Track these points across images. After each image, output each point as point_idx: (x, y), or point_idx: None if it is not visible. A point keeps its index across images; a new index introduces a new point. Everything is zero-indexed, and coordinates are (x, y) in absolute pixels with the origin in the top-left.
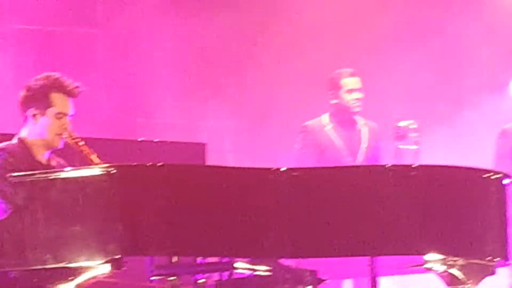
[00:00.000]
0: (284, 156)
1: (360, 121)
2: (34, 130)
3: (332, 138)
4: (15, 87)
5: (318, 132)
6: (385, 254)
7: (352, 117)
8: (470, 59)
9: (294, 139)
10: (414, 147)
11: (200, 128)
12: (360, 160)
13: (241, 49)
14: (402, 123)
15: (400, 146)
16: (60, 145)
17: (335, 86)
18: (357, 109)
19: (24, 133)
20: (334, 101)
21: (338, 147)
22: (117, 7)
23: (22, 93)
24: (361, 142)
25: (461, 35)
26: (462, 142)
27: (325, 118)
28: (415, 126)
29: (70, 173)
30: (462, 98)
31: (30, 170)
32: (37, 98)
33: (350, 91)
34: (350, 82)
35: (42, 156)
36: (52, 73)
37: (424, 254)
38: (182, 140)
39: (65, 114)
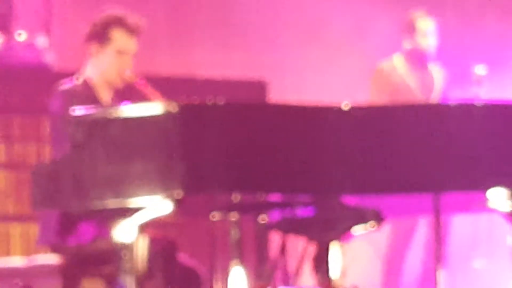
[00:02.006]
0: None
1: (432, 66)
2: (96, 68)
3: (406, 80)
4: (75, 25)
5: (392, 74)
6: (449, 191)
7: (425, 61)
8: None
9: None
10: (482, 93)
11: (261, 64)
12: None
13: None
14: (477, 69)
15: (476, 91)
16: (121, 84)
17: (410, 29)
18: (430, 54)
19: (87, 71)
20: (408, 44)
21: (411, 88)
22: None
23: (87, 29)
24: (434, 86)
25: None
26: None
27: (397, 59)
28: (485, 71)
29: (130, 111)
30: None
31: (92, 107)
32: (99, 34)
33: (426, 34)
34: (425, 24)
35: (106, 96)
36: (116, 10)
37: (487, 190)
38: (242, 76)
39: (126, 52)
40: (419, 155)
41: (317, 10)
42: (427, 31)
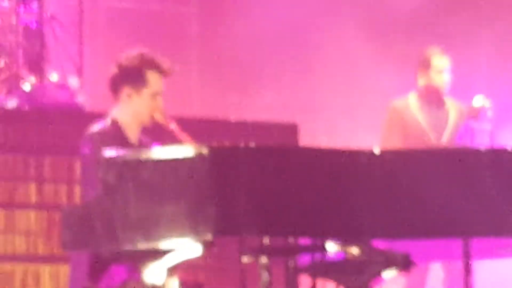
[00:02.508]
0: (373, 136)
1: (448, 101)
2: (128, 110)
3: (417, 118)
4: (106, 65)
5: (404, 112)
6: (479, 236)
7: (441, 97)
8: None
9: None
10: (488, 126)
11: (292, 107)
12: (445, 140)
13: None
14: (477, 102)
15: (475, 126)
16: (151, 124)
17: (425, 66)
18: (444, 90)
19: (116, 113)
20: (423, 81)
21: (422, 126)
22: None
23: (115, 71)
24: (448, 122)
25: None
26: None
27: (412, 97)
28: (488, 103)
29: (161, 153)
30: None
31: (123, 149)
32: (132, 77)
33: (441, 71)
34: (441, 61)
35: (135, 136)
36: (146, 51)
37: None
38: (274, 119)
39: (159, 94)
40: (449, 200)
41: (348, 54)
42: (442, 68)
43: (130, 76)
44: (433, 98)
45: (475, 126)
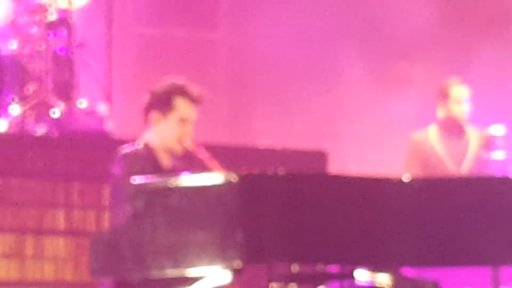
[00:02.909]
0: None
1: (469, 130)
2: (156, 134)
3: (436, 148)
4: (135, 92)
5: (424, 143)
6: (507, 264)
7: (461, 126)
8: None
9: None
10: (503, 155)
11: (321, 134)
12: (464, 169)
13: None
14: (487, 132)
15: (484, 155)
16: (181, 152)
17: (444, 96)
18: (464, 120)
19: (147, 137)
20: (443, 111)
21: (440, 156)
22: (237, 11)
23: (147, 97)
24: (468, 152)
25: None
26: None
27: (432, 128)
28: (502, 132)
29: (190, 180)
30: None
31: (154, 175)
32: (161, 102)
33: (460, 102)
34: (459, 92)
35: (166, 160)
36: (178, 79)
37: None
38: (303, 146)
39: (188, 121)
40: (477, 228)
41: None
42: (461, 98)
43: (158, 102)
44: (453, 128)
45: (485, 156)
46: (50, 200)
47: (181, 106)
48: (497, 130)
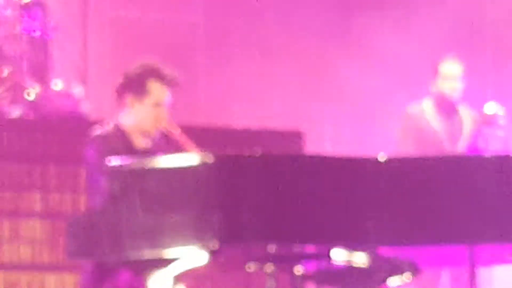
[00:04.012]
0: (384, 142)
1: (462, 109)
2: (131, 117)
3: (433, 125)
4: (111, 74)
5: (419, 118)
6: (484, 243)
7: (453, 104)
8: None
9: (393, 125)
10: (501, 133)
11: (298, 115)
12: (460, 148)
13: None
14: (490, 109)
15: (488, 132)
16: (155, 133)
17: (435, 73)
18: (453, 98)
19: (121, 118)
20: (434, 88)
21: (438, 134)
22: None
23: (120, 80)
24: (463, 131)
25: None
26: None
27: (426, 103)
28: (502, 111)
29: (166, 161)
30: None
31: (127, 157)
32: (135, 86)
33: (448, 78)
34: (449, 68)
35: (139, 142)
36: (151, 61)
37: None
38: (279, 127)
39: (163, 103)
40: (453, 207)
41: (354, 62)
42: (450, 75)
43: (132, 86)
44: (444, 105)
45: (488, 132)
46: (26, 183)
47: (156, 90)
48: (498, 108)
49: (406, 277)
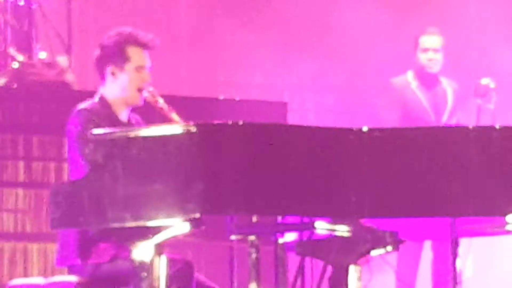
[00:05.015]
0: (368, 112)
1: (444, 81)
2: (114, 88)
3: (418, 96)
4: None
5: (404, 89)
6: (466, 215)
7: (436, 76)
8: None
9: (377, 95)
10: (491, 106)
11: (281, 86)
12: (444, 120)
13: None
14: (483, 81)
15: (480, 103)
16: (140, 102)
17: (415, 44)
18: (432, 70)
19: (104, 91)
20: (415, 60)
21: (423, 106)
22: None
23: (97, 52)
24: (447, 103)
25: None
26: None
27: (410, 75)
28: (494, 85)
29: (150, 131)
30: None
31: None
32: (114, 55)
33: (426, 50)
34: (427, 40)
35: (123, 114)
36: (124, 28)
37: (506, 215)
38: (263, 98)
39: (144, 67)
40: (436, 179)
41: (339, 33)
42: (428, 47)
43: (111, 55)
44: (425, 77)
45: (481, 103)
46: (10, 152)
47: (135, 54)
48: (491, 82)
49: (388, 248)
